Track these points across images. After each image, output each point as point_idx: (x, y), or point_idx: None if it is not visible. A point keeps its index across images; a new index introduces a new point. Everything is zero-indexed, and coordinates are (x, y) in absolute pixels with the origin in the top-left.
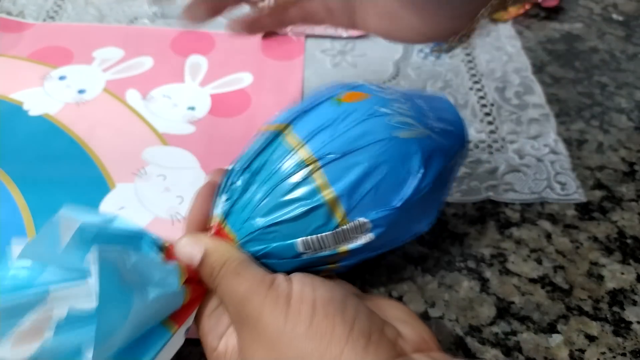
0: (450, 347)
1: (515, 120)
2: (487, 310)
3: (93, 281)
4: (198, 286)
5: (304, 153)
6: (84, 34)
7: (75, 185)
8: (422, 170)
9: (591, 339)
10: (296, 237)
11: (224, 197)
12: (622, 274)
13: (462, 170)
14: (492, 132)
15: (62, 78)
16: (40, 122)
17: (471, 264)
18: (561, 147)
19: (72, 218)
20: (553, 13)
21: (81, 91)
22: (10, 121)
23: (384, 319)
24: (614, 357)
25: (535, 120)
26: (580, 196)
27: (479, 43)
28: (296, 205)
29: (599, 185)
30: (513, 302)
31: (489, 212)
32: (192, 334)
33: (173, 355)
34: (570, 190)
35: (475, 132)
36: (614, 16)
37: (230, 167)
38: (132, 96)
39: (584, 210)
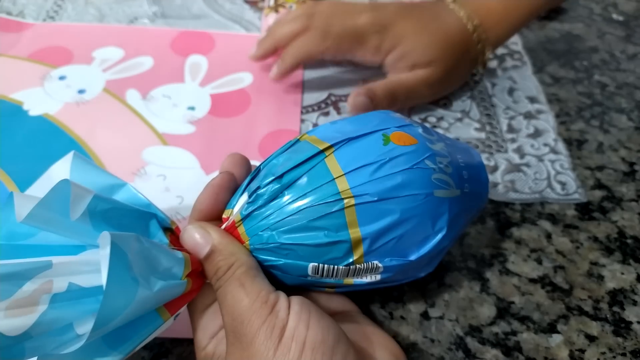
0: (450, 347)
1: (515, 120)
2: (487, 310)
3: (103, 268)
4: (198, 278)
5: (342, 184)
6: (84, 33)
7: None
8: (444, 232)
9: (591, 339)
10: (310, 261)
11: (245, 197)
12: (622, 274)
13: None
14: (492, 131)
15: (62, 78)
16: (40, 122)
17: (471, 264)
18: (561, 147)
19: (83, 188)
20: (553, 13)
21: (81, 91)
22: (10, 121)
23: None
24: (614, 357)
25: (536, 120)
26: (580, 196)
27: None
28: (321, 233)
29: (599, 185)
30: (513, 302)
31: (489, 212)
32: (187, 333)
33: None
34: (571, 190)
35: (475, 131)
36: (614, 16)
37: (259, 166)
38: (132, 96)
39: (584, 210)
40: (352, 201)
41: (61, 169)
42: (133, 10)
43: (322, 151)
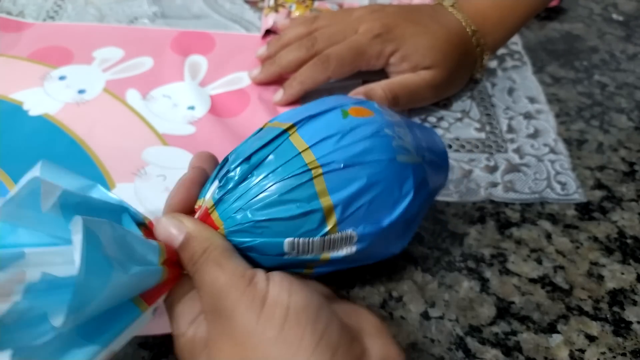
0: (450, 347)
1: (515, 120)
2: (487, 310)
3: (75, 250)
4: (174, 268)
5: (308, 157)
6: (84, 33)
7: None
8: (412, 194)
9: (591, 339)
10: (285, 236)
11: (216, 184)
12: (622, 274)
13: (462, 170)
14: (492, 131)
15: (62, 78)
16: (40, 122)
17: (471, 264)
18: (561, 147)
19: (53, 184)
20: (553, 13)
21: (81, 91)
22: (10, 121)
23: (353, 334)
24: (614, 357)
25: (535, 120)
26: (580, 196)
27: None
28: (293, 205)
29: (599, 185)
30: (513, 302)
31: (489, 212)
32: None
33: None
34: (570, 190)
35: (475, 131)
36: (614, 16)
37: (226, 156)
38: (132, 96)
39: (584, 210)
40: (320, 170)
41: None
42: (133, 10)
43: (286, 130)
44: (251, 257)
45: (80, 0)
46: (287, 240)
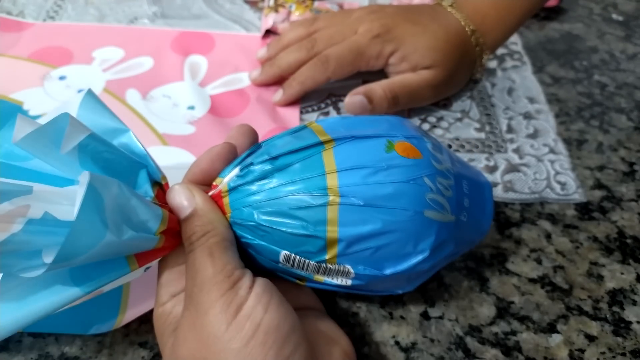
0: (450, 347)
1: (515, 120)
2: (487, 310)
3: (76, 205)
4: (174, 238)
5: (332, 181)
6: (84, 33)
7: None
8: (425, 254)
9: (591, 338)
10: (283, 248)
11: (236, 170)
12: (622, 273)
13: None
14: (491, 132)
15: (62, 78)
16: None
17: (471, 263)
18: (561, 147)
19: (80, 126)
20: (553, 13)
21: (81, 91)
22: (10, 121)
23: None
24: (614, 357)
25: (535, 120)
26: (580, 196)
27: None
28: (299, 224)
29: (598, 185)
30: (513, 302)
31: None
32: None
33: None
34: (570, 190)
35: (474, 131)
36: (614, 16)
37: (260, 143)
38: (132, 96)
39: (584, 210)
40: (337, 200)
41: (74, 104)
42: (133, 10)
43: (322, 143)
44: (248, 253)
45: (80, 0)
46: (284, 252)
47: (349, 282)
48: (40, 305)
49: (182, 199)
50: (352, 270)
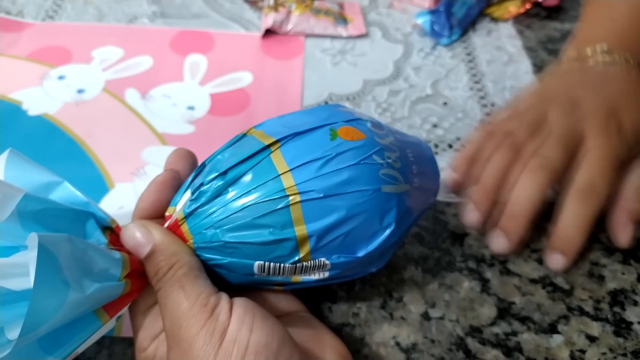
0: (450, 348)
1: None
2: (488, 311)
3: (31, 270)
4: (139, 279)
5: (287, 181)
6: (83, 33)
7: (74, 185)
8: (392, 228)
9: (592, 339)
10: (255, 259)
11: (188, 194)
12: (623, 274)
13: None
14: None
15: (61, 77)
16: (39, 121)
17: (472, 264)
18: None
19: (14, 187)
20: (554, 12)
21: (80, 91)
22: (9, 121)
23: None
24: (615, 357)
25: None
26: None
27: (480, 43)
28: (266, 231)
29: None
30: (514, 303)
31: None
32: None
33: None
34: None
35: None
36: None
37: (204, 162)
38: (132, 96)
39: None
40: (298, 198)
41: None
42: (132, 9)
43: (268, 146)
44: (219, 273)
45: None
46: (258, 263)
47: (326, 274)
48: None
49: (138, 237)
50: (327, 262)
